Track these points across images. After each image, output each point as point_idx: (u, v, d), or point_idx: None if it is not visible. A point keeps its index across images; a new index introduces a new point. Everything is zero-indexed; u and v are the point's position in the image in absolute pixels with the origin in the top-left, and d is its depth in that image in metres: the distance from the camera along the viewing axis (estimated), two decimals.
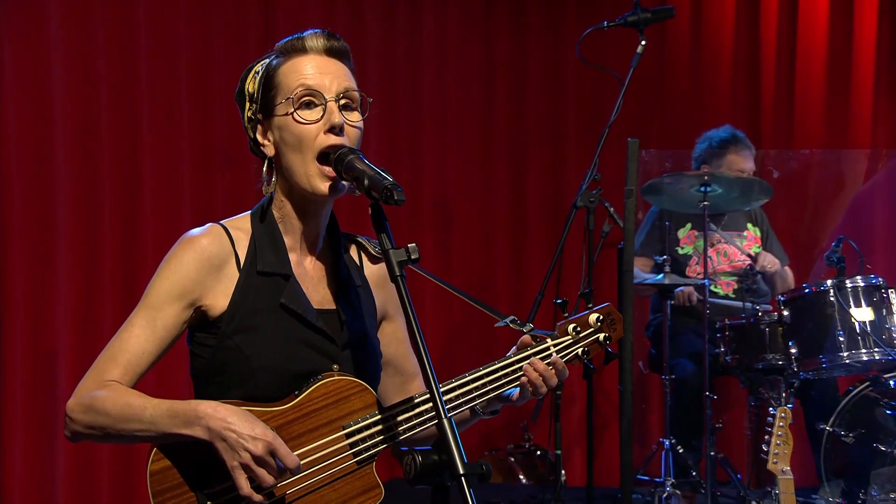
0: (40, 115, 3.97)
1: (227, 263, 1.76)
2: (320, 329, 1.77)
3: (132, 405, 1.66)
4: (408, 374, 1.98)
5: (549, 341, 1.87)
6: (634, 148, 3.13)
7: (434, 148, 5.02)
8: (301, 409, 1.70)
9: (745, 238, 4.50)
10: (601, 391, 5.02)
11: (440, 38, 5.05)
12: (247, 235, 1.80)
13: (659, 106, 5.39)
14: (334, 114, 1.73)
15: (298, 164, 1.74)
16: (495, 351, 4.96)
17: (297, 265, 1.81)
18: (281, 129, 1.76)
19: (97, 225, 4.06)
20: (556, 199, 5.22)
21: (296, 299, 1.77)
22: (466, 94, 5.11)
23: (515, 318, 1.87)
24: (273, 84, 1.78)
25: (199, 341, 1.78)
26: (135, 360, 1.72)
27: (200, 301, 1.75)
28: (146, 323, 1.73)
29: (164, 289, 1.73)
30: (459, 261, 5.07)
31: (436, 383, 1.49)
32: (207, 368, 1.77)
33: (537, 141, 5.26)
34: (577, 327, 1.90)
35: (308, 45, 1.78)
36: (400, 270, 1.55)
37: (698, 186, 4.05)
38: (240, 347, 1.72)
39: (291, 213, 1.80)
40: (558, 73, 5.28)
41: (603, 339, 1.92)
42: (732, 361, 4.04)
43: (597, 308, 1.94)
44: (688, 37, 5.40)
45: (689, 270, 4.44)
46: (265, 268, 1.77)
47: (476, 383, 1.80)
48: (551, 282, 3.47)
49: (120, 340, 1.73)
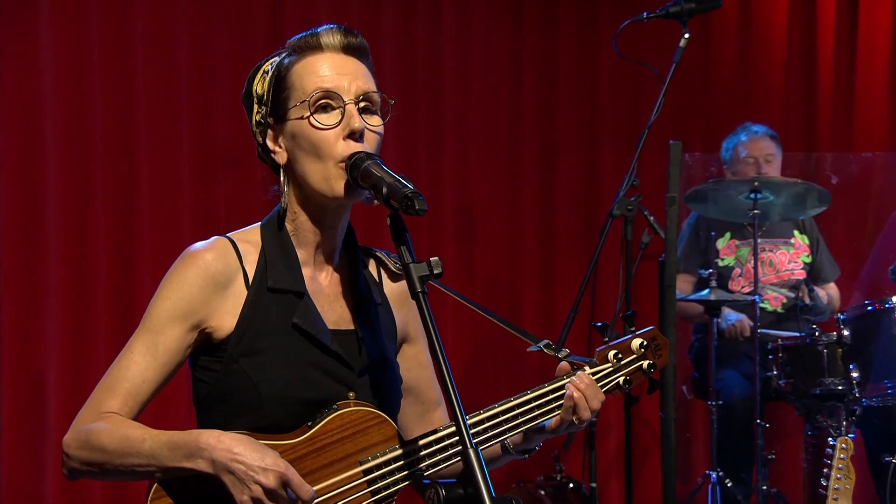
0: (27, 116, 4.01)
1: (234, 280, 1.76)
2: (335, 352, 1.77)
3: (130, 438, 1.66)
4: (430, 402, 1.98)
5: (587, 369, 1.87)
6: (677, 151, 3.13)
7: (456, 152, 5.03)
8: (314, 442, 1.70)
9: (791, 246, 4.48)
10: (640, 418, 4.99)
11: (462, 32, 5.05)
12: (256, 249, 1.80)
13: (703, 105, 5.37)
14: (354, 118, 1.73)
15: (317, 170, 1.74)
16: (523, 376, 4.95)
17: (312, 281, 1.81)
18: (295, 134, 1.76)
19: (89, 236, 4.09)
20: (590, 208, 5.21)
21: (310, 319, 1.76)
22: (491, 93, 5.12)
23: (550, 343, 1.86)
24: (285, 85, 1.78)
25: (204, 365, 1.78)
26: (135, 389, 1.72)
27: (205, 322, 1.75)
28: (146, 348, 1.73)
29: (165, 310, 1.74)
30: (483, 275, 5.06)
31: (461, 410, 1.48)
32: (211, 395, 1.77)
33: (569, 143, 5.25)
34: (619, 353, 1.89)
35: (324, 41, 1.78)
36: (421, 286, 1.55)
37: (748, 193, 4.03)
38: (246, 372, 1.72)
39: (306, 225, 1.80)
40: (592, 69, 5.27)
41: (647, 367, 1.92)
42: (786, 386, 4.01)
43: (640, 332, 1.93)
44: (735, 29, 5.38)
45: (732, 283, 4.42)
46: (276, 284, 1.77)
47: (507, 415, 1.79)
48: (585, 298, 3.46)
49: (119, 368, 1.74)
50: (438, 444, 1.75)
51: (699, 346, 4.45)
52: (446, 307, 4.84)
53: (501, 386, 4.89)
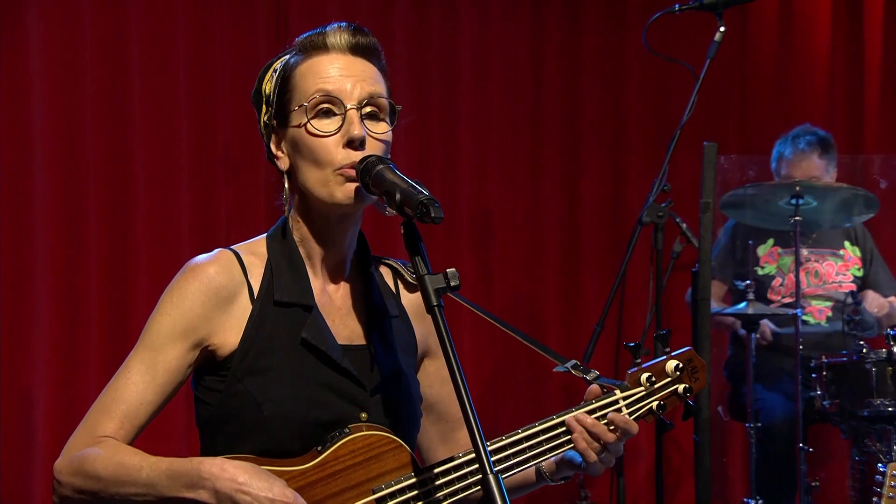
0: (14, 120, 4.03)
1: (238, 295, 1.77)
2: (346, 370, 1.77)
3: (126, 465, 1.65)
4: (455, 420, 1.98)
5: (618, 393, 1.86)
6: (711, 153, 3.12)
7: (472, 154, 5.03)
8: (324, 468, 1.69)
9: (840, 258, 4.45)
10: (672, 441, 4.98)
11: (479, 26, 5.06)
12: (262, 261, 1.81)
13: (740, 104, 5.36)
14: (353, 124, 1.73)
15: (316, 179, 1.75)
16: (546, 396, 4.94)
17: (321, 294, 1.82)
18: (295, 140, 1.77)
19: (81, 246, 4.10)
20: (618, 214, 5.21)
21: (319, 334, 1.77)
22: (510, 91, 5.12)
23: (578, 363, 1.86)
24: (289, 87, 1.79)
25: (206, 386, 1.78)
26: (132, 412, 1.72)
27: (208, 340, 1.76)
28: (145, 367, 1.73)
29: (165, 327, 1.74)
30: (502, 287, 5.06)
31: (480, 433, 1.48)
32: (215, 418, 1.77)
33: (594, 145, 5.25)
34: (652, 377, 1.89)
35: (330, 41, 1.78)
36: (437, 300, 1.55)
37: (788, 198, 4.02)
38: (250, 392, 1.73)
39: (312, 235, 1.81)
40: (620, 66, 5.28)
41: (683, 391, 1.91)
42: (832, 407, 3.99)
43: (675, 353, 1.92)
44: (775, 21, 5.37)
45: (772, 293, 4.41)
46: (283, 297, 1.77)
47: (531, 441, 1.79)
48: (612, 312, 3.46)
49: (115, 388, 1.74)
50: (457, 472, 1.74)
51: (736, 361, 4.43)
52: (463, 322, 4.84)
53: (522, 407, 4.88)
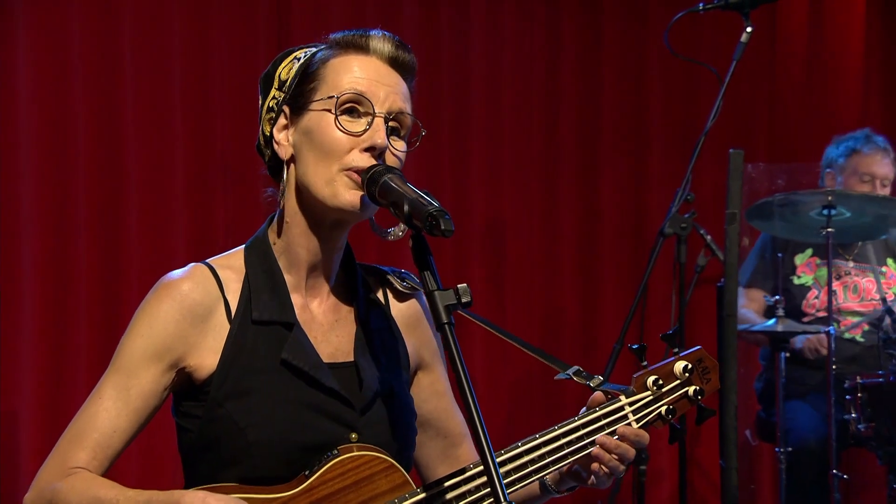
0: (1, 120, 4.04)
1: (213, 313, 1.78)
2: (332, 389, 1.77)
3: (101, 499, 1.66)
4: (454, 435, 1.98)
5: (622, 399, 1.86)
6: (738, 161, 3.13)
7: (484, 160, 5.03)
8: (312, 493, 1.70)
9: (882, 275, 4.44)
10: (696, 465, 4.96)
11: (492, 24, 5.06)
12: (239, 276, 1.81)
13: (768, 109, 5.35)
14: (379, 132, 1.75)
15: (319, 174, 1.75)
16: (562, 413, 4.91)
17: (303, 309, 1.82)
18: (311, 129, 1.77)
19: (69, 257, 4.09)
20: (638, 225, 5.20)
21: (301, 353, 1.77)
22: (525, 93, 5.12)
23: (580, 370, 1.87)
24: (316, 76, 1.80)
25: (186, 411, 1.79)
26: (104, 441, 1.73)
27: (184, 361, 1.76)
28: (117, 392, 1.74)
29: (137, 348, 1.75)
30: (516, 301, 5.05)
31: (492, 456, 1.48)
32: (196, 444, 1.77)
33: (614, 152, 5.25)
34: (660, 379, 1.88)
35: (373, 45, 1.81)
36: (448, 317, 1.55)
37: (820, 209, 4.01)
38: (232, 417, 1.73)
39: (299, 240, 1.81)
40: (640, 68, 5.27)
41: (693, 394, 1.90)
42: (867, 431, 3.98)
43: (684, 354, 1.92)
44: (805, 21, 5.37)
45: (806, 304, 4.39)
46: (262, 315, 1.78)
47: (532, 455, 1.79)
48: (632, 329, 3.47)
49: (86, 416, 1.74)
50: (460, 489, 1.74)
51: (767, 381, 4.42)
52: (475, 338, 4.84)
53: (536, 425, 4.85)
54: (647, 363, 1.89)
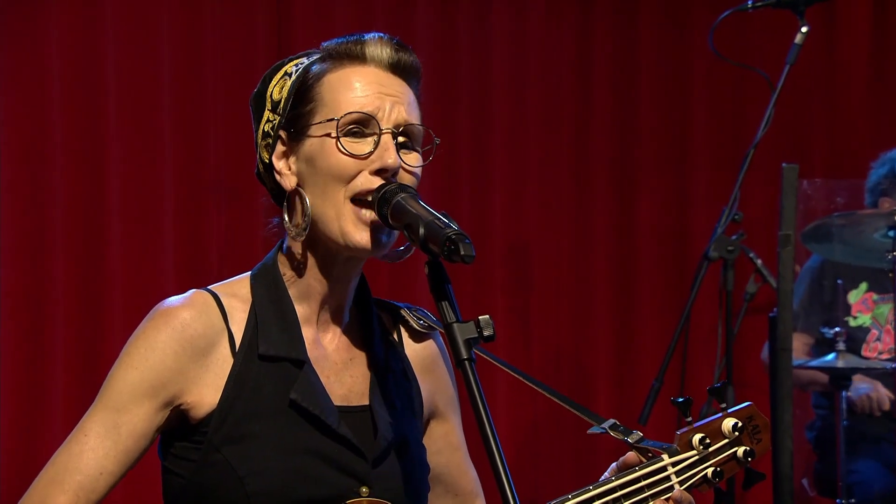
0: None
1: (216, 346, 1.77)
2: (343, 436, 1.76)
3: None
4: (464, 493, 1.98)
5: (665, 458, 1.84)
6: (792, 176, 3.13)
7: (508, 177, 5.03)
8: None
9: None
10: None
11: (517, 26, 5.08)
12: (245, 305, 1.80)
13: (826, 119, 5.35)
14: (389, 151, 1.75)
15: (328, 206, 1.75)
16: (594, 463, 4.90)
17: (314, 346, 1.82)
18: (313, 157, 1.77)
19: (44, 284, 4.12)
20: (679, 248, 5.19)
21: (311, 394, 1.76)
22: (553, 102, 5.13)
23: (617, 423, 1.85)
24: (312, 97, 1.79)
25: (177, 454, 1.77)
26: (89, 484, 1.71)
27: (180, 398, 1.75)
28: (105, 430, 1.73)
29: (130, 383, 1.73)
30: (542, 333, 5.05)
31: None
32: (187, 492, 1.76)
33: (652, 166, 5.24)
34: (706, 438, 1.86)
35: (370, 53, 1.80)
36: (468, 352, 1.55)
37: (886, 230, 3.99)
38: (229, 463, 1.72)
39: (309, 273, 1.81)
40: (681, 73, 5.28)
41: (742, 455, 1.89)
42: None
43: (733, 410, 1.91)
44: (869, 21, 5.36)
45: (867, 349, 4.37)
46: (270, 350, 1.77)
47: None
48: (673, 364, 3.45)
49: (68, 455, 1.73)
50: None
51: (823, 425, 4.40)
52: (496, 378, 4.83)
53: (566, 477, 4.85)
54: (691, 419, 1.89)
